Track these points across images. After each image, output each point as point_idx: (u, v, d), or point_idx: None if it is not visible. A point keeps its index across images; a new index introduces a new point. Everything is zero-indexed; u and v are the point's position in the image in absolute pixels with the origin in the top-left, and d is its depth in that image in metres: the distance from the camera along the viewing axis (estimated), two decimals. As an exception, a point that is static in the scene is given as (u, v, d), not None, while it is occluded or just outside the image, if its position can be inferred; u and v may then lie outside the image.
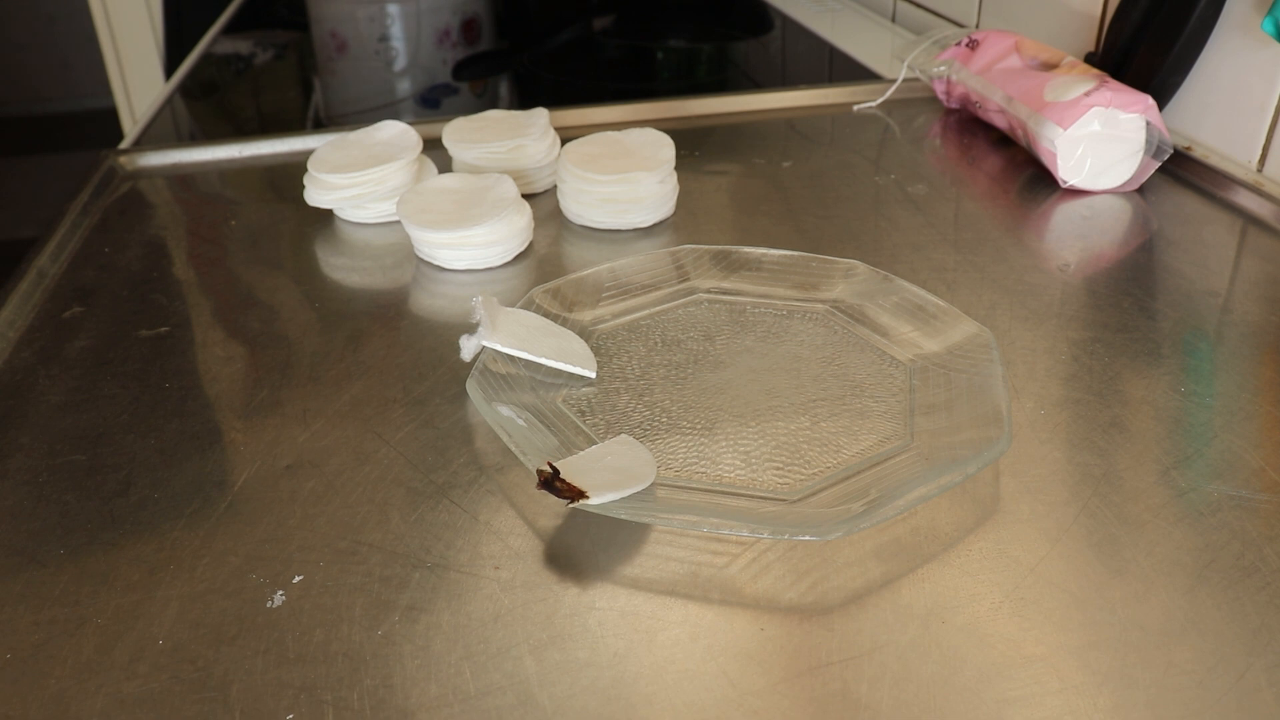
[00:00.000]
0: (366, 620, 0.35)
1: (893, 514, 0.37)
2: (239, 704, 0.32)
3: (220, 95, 0.99)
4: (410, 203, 0.59)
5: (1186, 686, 0.32)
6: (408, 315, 0.54)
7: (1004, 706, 0.31)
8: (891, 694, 0.31)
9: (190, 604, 0.35)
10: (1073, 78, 0.68)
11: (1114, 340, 0.50)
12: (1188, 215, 0.64)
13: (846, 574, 0.36)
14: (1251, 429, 0.43)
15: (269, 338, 0.52)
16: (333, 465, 0.42)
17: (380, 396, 0.47)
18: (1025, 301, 0.53)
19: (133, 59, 1.94)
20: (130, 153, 0.75)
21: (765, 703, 0.31)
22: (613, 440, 0.40)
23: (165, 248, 0.63)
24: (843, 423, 0.43)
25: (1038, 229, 0.63)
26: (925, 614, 0.34)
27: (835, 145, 0.77)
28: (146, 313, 0.54)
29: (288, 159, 0.76)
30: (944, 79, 0.81)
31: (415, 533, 0.38)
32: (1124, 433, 0.43)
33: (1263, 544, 0.37)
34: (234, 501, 0.40)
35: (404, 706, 0.31)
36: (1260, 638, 0.33)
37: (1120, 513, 0.39)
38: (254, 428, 0.45)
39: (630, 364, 0.48)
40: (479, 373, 0.44)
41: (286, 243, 0.63)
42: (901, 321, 0.49)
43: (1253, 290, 0.55)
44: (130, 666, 0.33)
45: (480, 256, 0.58)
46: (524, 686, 0.32)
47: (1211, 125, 0.70)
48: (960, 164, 0.73)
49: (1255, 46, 0.65)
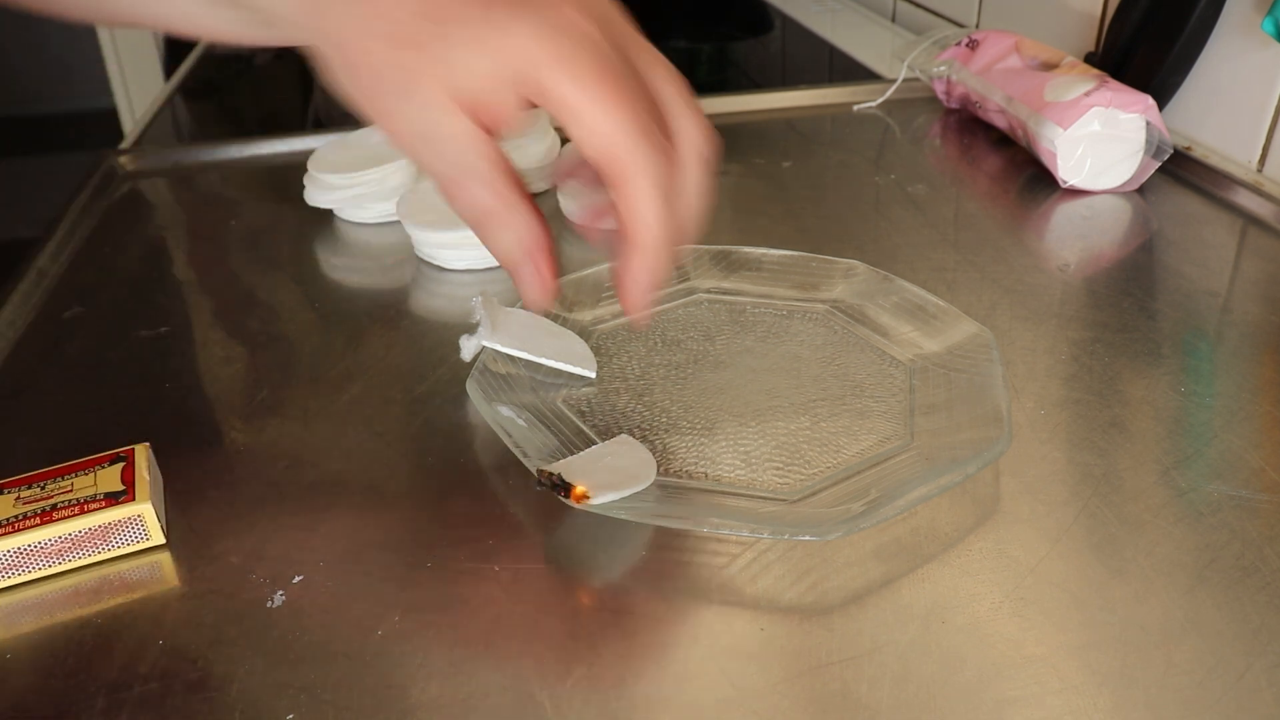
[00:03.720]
0: (366, 620, 0.35)
1: (893, 514, 0.37)
2: (239, 704, 0.32)
3: (220, 95, 0.99)
4: (410, 203, 0.59)
5: (1186, 686, 0.32)
6: (408, 315, 0.54)
7: (1004, 706, 0.31)
8: (891, 694, 0.31)
9: (190, 604, 0.35)
10: (1073, 78, 0.68)
11: (1114, 340, 0.50)
12: (1188, 215, 0.64)
13: (846, 574, 0.36)
14: (1251, 429, 0.43)
15: (269, 338, 0.52)
16: (333, 465, 0.42)
17: (380, 396, 0.47)
18: (1025, 301, 0.53)
19: (133, 59, 1.94)
20: (130, 153, 0.76)
21: (765, 703, 0.31)
22: (613, 440, 0.40)
23: (165, 248, 0.63)
24: (843, 423, 0.43)
25: (1038, 229, 0.63)
26: (925, 614, 0.34)
27: (835, 145, 0.77)
28: (146, 313, 0.54)
29: (288, 159, 0.76)
30: (944, 79, 0.81)
31: (415, 532, 0.38)
32: (1124, 433, 0.43)
33: (1263, 544, 0.37)
34: (234, 501, 0.40)
35: (404, 706, 0.31)
36: (1260, 638, 0.33)
37: (1120, 513, 0.39)
38: (254, 428, 0.45)
39: (630, 364, 0.48)
40: (479, 373, 0.44)
41: (286, 243, 0.63)
42: (901, 321, 0.49)
43: (1253, 290, 0.55)
44: (130, 666, 0.33)
45: (480, 256, 0.58)
46: (524, 686, 0.32)
47: (1211, 125, 0.70)
48: (960, 164, 0.73)
49: (1255, 46, 0.65)
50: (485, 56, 0.31)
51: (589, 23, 0.32)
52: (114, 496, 0.37)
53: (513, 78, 0.32)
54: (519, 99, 0.32)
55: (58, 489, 0.37)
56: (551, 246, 0.35)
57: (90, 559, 0.37)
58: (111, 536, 0.37)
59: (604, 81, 0.32)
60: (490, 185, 0.34)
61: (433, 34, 0.32)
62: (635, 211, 0.33)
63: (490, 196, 0.34)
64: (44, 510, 0.36)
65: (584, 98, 0.31)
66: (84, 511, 0.36)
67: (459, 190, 0.34)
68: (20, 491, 0.37)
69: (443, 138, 0.33)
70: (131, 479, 0.38)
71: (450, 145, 0.33)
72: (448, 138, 0.33)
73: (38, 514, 0.36)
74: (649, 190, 0.33)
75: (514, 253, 0.35)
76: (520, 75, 0.32)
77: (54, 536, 0.36)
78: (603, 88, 0.32)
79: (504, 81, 0.32)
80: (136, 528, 0.37)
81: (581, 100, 0.31)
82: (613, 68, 0.32)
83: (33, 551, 0.36)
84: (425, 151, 0.33)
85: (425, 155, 0.34)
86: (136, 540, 0.37)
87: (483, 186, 0.34)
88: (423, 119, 0.33)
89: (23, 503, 0.37)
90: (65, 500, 0.37)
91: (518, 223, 0.34)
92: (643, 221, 0.33)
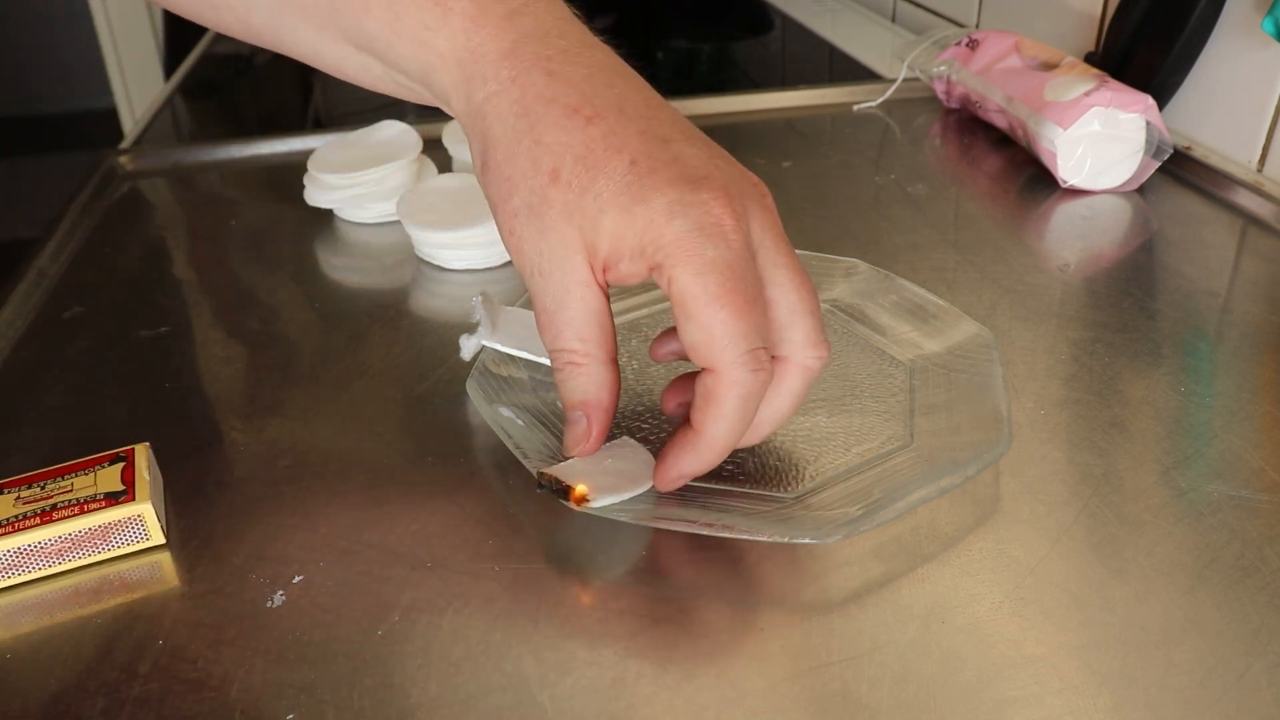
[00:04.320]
0: (366, 620, 0.35)
1: (892, 516, 0.37)
2: (239, 704, 0.32)
3: (220, 95, 0.99)
4: (410, 203, 0.59)
5: (1186, 686, 0.32)
6: (408, 315, 0.54)
7: (1004, 706, 0.31)
8: (891, 694, 0.31)
9: (190, 604, 0.35)
10: (1073, 78, 0.68)
11: (1114, 340, 0.50)
12: (1188, 215, 0.64)
13: (846, 574, 0.36)
14: (1251, 429, 0.43)
15: (269, 338, 0.52)
16: (333, 465, 0.42)
17: (380, 396, 0.47)
18: (1025, 301, 0.53)
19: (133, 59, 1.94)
20: (130, 153, 0.76)
21: (765, 703, 0.31)
22: (614, 442, 0.40)
23: (165, 248, 0.63)
24: (843, 423, 0.43)
25: (1038, 229, 0.63)
26: (925, 614, 0.34)
27: (835, 145, 0.77)
28: (146, 313, 0.54)
29: (288, 159, 0.76)
30: (944, 79, 0.81)
31: (415, 533, 0.38)
32: (1124, 433, 0.43)
33: (1263, 544, 0.37)
34: (234, 501, 0.40)
35: (404, 706, 0.31)
36: (1260, 638, 0.33)
37: (1120, 513, 0.39)
38: (254, 428, 0.45)
39: (630, 364, 0.48)
40: (479, 373, 0.44)
41: (286, 243, 0.63)
42: (901, 321, 0.49)
43: (1253, 290, 0.55)
44: (130, 666, 0.33)
45: (480, 256, 0.58)
46: (524, 686, 0.32)
47: (1211, 125, 0.70)
48: (960, 164, 0.73)
49: (1255, 46, 0.65)
50: (629, 228, 0.33)
51: (732, 221, 0.33)
52: (114, 496, 0.37)
53: (644, 255, 0.33)
54: (646, 272, 0.33)
55: (58, 489, 0.37)
56: (613, 412, 0.36)
57: (90, 559, 0.37)
58: (111, 536, 0.37)
59: (725, 292, 0.32)
60: (582, 335, 0.35)
61: (585, 185, 0.33)
62: (710, 421, 0.34)
63: (579, 343, 0.35)
64: (44, 510, 0.36)
65: (703, 301, 0.32)
66: (84, 511, 0.36)
67: (551, 325, 0.35)
68: (20, 491, 0.37)
69: (559, 277, 0.34)
70: (131, 479, 0.38)
71: (562, 286, 0.34)
72: (564, 279, 0.34)
73: (38, 514, 0.36)
74: (733, 408, 0.34)
75: (577, 400, 0.36)
76: (653, 257, 0.33)
77: (54, 536, 0.36)
78: (723, 298, 0.32)
79: (637, 254, 0.33)
80: (136, 528, 0.37)
81: (699, 302, 0.32)
82: (739, 278, 0.33)
83: (33, 551, 0.36)
84: (537, 280, 0.34)
85: (535, 282, 0.35)
86: (136, 540, 0.37)
87: (574, 332, 0.35)
88: (549, 255, 0.34)
89: (23, 503, 0.37)
90: (65, 500, 0.37)
91: (594, 376, 0.35)
92: (713, 432, 0.34)
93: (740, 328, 0.32)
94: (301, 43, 0.39)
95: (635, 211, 0.32)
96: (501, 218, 0.35)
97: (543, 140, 0.33)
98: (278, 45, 0.40)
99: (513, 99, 0.34)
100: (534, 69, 0.34)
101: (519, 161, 0.34)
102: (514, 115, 0.34)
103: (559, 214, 0.33)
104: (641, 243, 0.32)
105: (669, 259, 0.32)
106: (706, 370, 0.34)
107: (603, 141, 0.33)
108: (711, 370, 0.33)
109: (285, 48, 0.40)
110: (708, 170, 0.33)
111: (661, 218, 0.32)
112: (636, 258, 0.33)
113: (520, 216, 0.34)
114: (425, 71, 0.36)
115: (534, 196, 0.33)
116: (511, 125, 0.34)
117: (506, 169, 0.34)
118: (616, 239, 0.33)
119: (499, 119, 0.34)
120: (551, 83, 0.34)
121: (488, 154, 0.35)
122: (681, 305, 0.33)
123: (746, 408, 0.34)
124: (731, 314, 0.32)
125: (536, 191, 0.33)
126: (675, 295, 0.33)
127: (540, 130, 0.33)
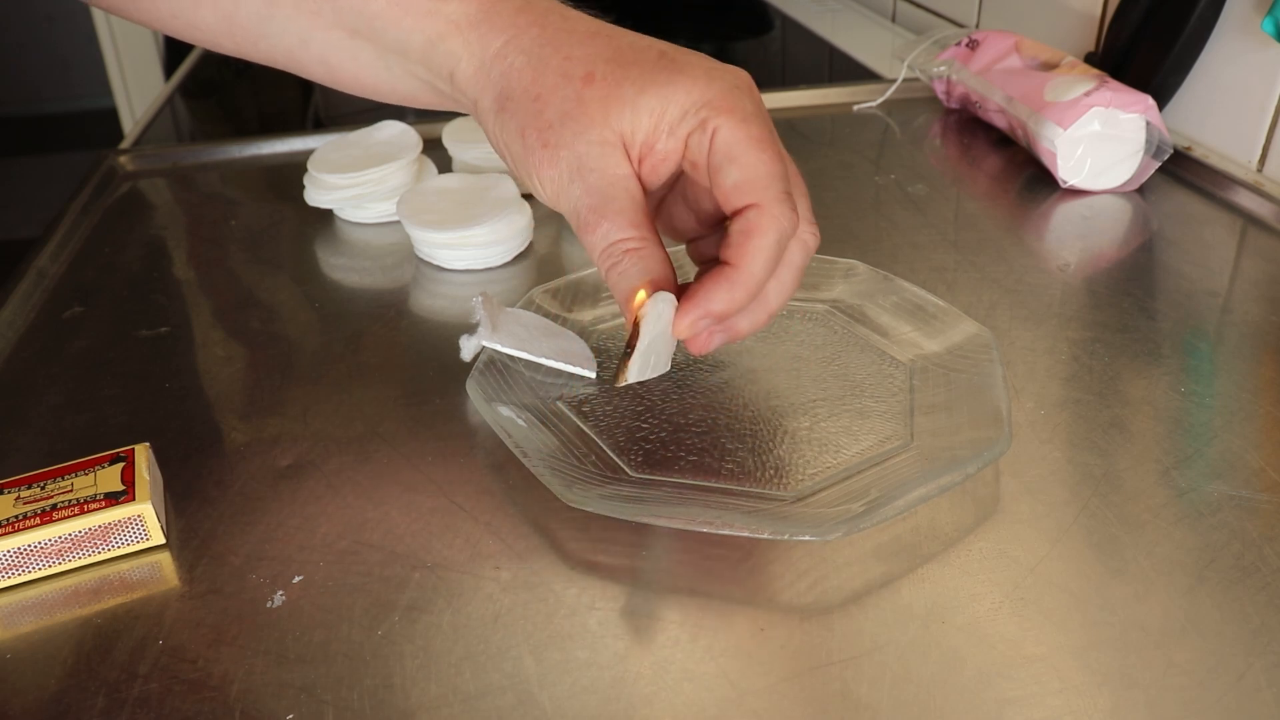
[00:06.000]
0: (366, 620, 0.35)
1: (893, 514, 0.37)
2: (239, 704, 0.32)
3: (220, 95, 0.99)
4: (410, 203, 0.59)
5: (1186, 686, 0.32)
6: (408, 315, 0.54)
7: (1004, 706, 0.31)
8: (891, 694, 0.31)
9: (190, 604, 0.35)
10: (1073, 78, 0.68)
11: (1114, 340, 0.50)
12: (1188, 215, 0.64)
13: (846, 574, 0.36)
14: (1251, 429, 0.43)
15: (269, 338, 0.52)
16: (333, 465, 0.42)
17: (380, 396, 0.47)
18: (1025, 301, 0.53)
19: (133, 59, 1.94)
20: (130, 153, 0.76)
21: (765, 703, 0.31)
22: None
23: (165, 248, 0.63)
24: (843, 423, 0.43)
25: (1038, 229, 0.63)
26: (925, 614, 0.34)
27: (835, 145, 0.77)
28: (146, 313, 0.54)
29: (288, 159, 0.76)
30: (944, 79, 0.81)
31: (415, 533, 0.38)
32: (1124, 433, 0.43)
33: (1263, 544, 0.37)
34: (234, 501, 0.40)
35: (404, 706, 0.31)
36: (1260, 638, 0.33)
37: (1120, 513, 0.39)
38: (254, 428, 0.45)
39: (630, 364, 0.48)
40: (479, 373, 0.44)
41: (286, 243, 0.63)
42: (901, 321, 0.49)
43: (1253, 290, 0.55)
44: (130, 666, 0.33)
45: (480, 256, 0.58)
46: (524, 686, 0.32)
47: (1211, 125, 0.70)
48: (960, 164, 0.73)
49: (1255, 46, 0.65)
50: (670, 100, 0.35)
51: (755, 90, 0.37)
52: (114, 496, 0.37)
53: (685, 119, 0.35)
54: (684, 145, 0.36)
55: (58, 489, 0.37)
56: (675, 288, 0.38)
57: (90, 559, 0.37)
58: (111, 536, 0.37)
59: (766, 136, 0.36)
60: (635, 221, 0.37)
61: (620, 77, 0.36)
62: (749, 254, 0.36)
63: (633, 229, 0.37)
64: (44, 510, 0.36)
65: (747, 144, 0.35)
66: (84, 511, 0.36)
67: (600, 221, 0.37)
68: (20, 491, 0.37)
69: (600, 173, 0.36)
70: (131, 479, 0.38)
71: (605, 180, 0.36)
72: (606, 173, 0.36)
73: (38, 514, 0.36)
74: (771, 241, 0.36)
75: (644, 283, 0.37)
76: (697, 115, 0.35)
77: (54, 536, 0.36)
78: (764, 141, 0.36)
79: (677, 123, 0.36)
80: (136, 528, 0.37)
81: (743, 145, 0.35)
82: (773, 130, 0.37)
83: (33, 551, 0.36)
84: (577, 184, 0.36)
85: (575, 188, 0.37)
86: (136, 540, 0.37)
87: (627, 220, 0.37)
88: (588, 155, 0.36)
89: (23, 503, 0.37)
90: (65, 500, 0.37)
91: (656, 255, 0.37)
92: (750, 266, 0.36)
93: (779, 170, 0.36)
94: (288, 33, 0.39)
95: (676, 82, 0.35)
96: (531, 140, 0.36)
97: (572, 55, 0.36)
98: (259, 41, 0.40)
99: (533, 36, 0.37)
100: (549, 13, 0.37)
101: (548, 78, 0.36)
102: (537, 45, 0.36)
103: (597, 110, 0.36)
104: (684, 108, 0.35)
105: (714, 113, 0.35)
106: (748, 207, 0.36)
107: (629, 46, 0.37)
108: (755, 206, 0.35)
109: (266, 43, 0.40)
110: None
111: (701, 82, 0.35)
112: (677, 127, 0.36)
113: (554, 127, 0.36)
114: (430, 43, 0.37)
115: (568, 103, 0.36)
116: (536, 53, 0.36)
117: (535, 89, 0.36)
118: (657, 115, 0.35)
119: (521, 53, 0.37)
120: (567, 19, 0.37)
121: (509, 87, 0.37)
122: (727, 152, 0.35)
123: (779, 247, 0.36)
124: (772, 156, 0.35)
125: (570, 98, 0.36)
126: (719, 145, 0.35)
127: (568, 48, 0.36)
